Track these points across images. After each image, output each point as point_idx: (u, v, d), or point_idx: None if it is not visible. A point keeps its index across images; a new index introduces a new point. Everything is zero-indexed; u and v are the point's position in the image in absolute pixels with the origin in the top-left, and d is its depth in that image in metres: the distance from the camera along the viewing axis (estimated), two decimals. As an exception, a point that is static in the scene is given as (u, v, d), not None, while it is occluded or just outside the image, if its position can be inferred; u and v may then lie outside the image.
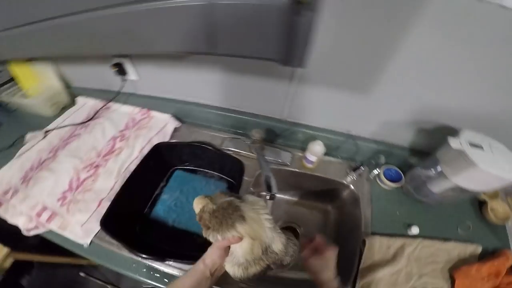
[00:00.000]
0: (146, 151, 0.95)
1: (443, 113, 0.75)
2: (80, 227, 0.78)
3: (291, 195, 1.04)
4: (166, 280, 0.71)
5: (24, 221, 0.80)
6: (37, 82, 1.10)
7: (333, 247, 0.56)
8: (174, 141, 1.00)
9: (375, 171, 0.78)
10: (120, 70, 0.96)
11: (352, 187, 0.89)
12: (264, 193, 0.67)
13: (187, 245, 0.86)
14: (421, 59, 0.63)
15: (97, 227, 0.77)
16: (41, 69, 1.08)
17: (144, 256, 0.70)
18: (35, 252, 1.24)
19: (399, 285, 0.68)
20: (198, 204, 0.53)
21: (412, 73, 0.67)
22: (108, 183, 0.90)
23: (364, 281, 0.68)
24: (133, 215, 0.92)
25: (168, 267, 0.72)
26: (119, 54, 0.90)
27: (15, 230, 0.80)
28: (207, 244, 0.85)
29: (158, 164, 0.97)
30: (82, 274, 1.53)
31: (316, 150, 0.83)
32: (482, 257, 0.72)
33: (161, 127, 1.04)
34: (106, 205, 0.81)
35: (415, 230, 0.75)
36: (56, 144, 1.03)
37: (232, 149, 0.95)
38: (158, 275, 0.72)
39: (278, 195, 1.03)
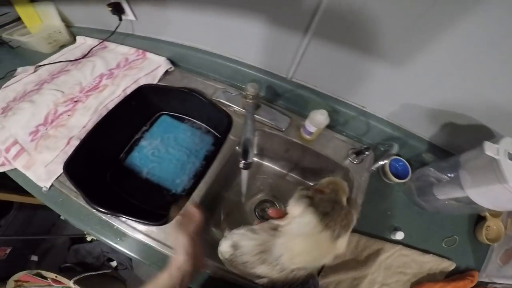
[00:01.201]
0: (130, 91, 0.82)
1: (485, 110, 0.58)
2: (44, 167, 0.69)
3: (280, 166, 0.88)
4: (118, 239, 0.62)
5: (-7, 156, 0.72)
6: (39, 22, 1.07)
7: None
8: (161, 84, 0.86)
9: (381, 162, 0.59)
10: (117, 10, 0.84)
11: (350, 171, 0.72)
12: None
13: (156, 201, 0.75)
14: (482, 41, 0.46)
15: (60, 169, 0.67)
16: (43, 9, 1.04)
17: (99, 209, 0.60)
18: (15, 192, 1.17)
19: (358, 291, 0.59)
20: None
21: (464, 55, 0.49)
22: (83, 119, 0.79)
23: (325, 280, 0.59)
24: (107, 159, 0.80)
25: (122, 224, 0.63)
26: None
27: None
28: (176, 203, 0.73)
29: (141, 106, 0.83)
30: (63, 217, 1.48)
31: (318, 120, 0.66)
32: (451, 274, 0.64)
33: (152, 69, 0.89)
34: (75, 144, 0.71)
35: (399, 235, 0.64)
36: (44, 78, 0.94)
37: (224, 101, 0.79)
38: (109, 231, 0.63)
39: (266, 163, 0.89)
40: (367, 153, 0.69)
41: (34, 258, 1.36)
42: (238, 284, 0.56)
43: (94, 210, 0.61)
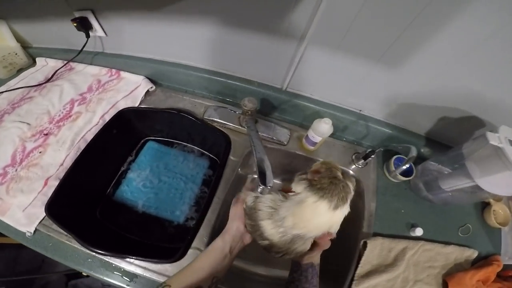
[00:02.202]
0: (109, 117, 0.72)
1: (478, 103, 0.59)
2: (22, 212, 0.59)
3: (283, 179, 0.83)
4: (127, 279, 0.54)
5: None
6: None
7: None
8: (144, 106, 0.75)
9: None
10: (83, 26, 0.72)
11: (357, 177, 0.69)
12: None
13: (156, 234, 0.67)
14: (474, 40, 0.46)
15: (42, 212, 0.57)
16: None
17: (99, 252, 0.52)
18: None
19: (394, 292, 0.59)
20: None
21: (456, 53, 0.49)
22: (58, 156, 0.67)
23: (360, 287, 0.57)
24: (93, 196, 0.70)
25: (130, 265, 0.55)
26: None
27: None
28: (177, 235, 0.64)
29: (124, 134, 0.73)
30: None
31: (322, 130, 0.61)
32: (475, 261, 0.64)
33: (131, 90, 0.78)
34: (53, 184, 0.61)
35: (419, 231, 0.63)
36: (4, 108, 0.78)
37: (217, 119, 0.72)
38: (118, 273, 0.55)
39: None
40: (372, 156, 0.67)
41: (30, 295, 1.22)
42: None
43: (93, 253, 0.53)
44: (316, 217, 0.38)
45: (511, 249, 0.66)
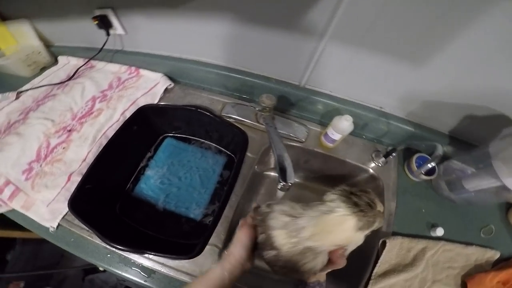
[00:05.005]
0: (129, 114, 0.71)
1: (507, 101, 0.54)
2: (46, 207, 0.59)
3: (300, 177, 0.79)
4: (145, 275, 0.53)
5: (-15, 197, 0.60)
6: (14, 42, 0.91)
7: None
8: (163, 103, 0.74)
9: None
10: (103, 23, 0.72)
11: (377, 175, 0.66)
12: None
13: (171, 230, 0.65)
14: (508, 35, 0.42)
15: (65, 208, 0.57)
16: (18, 28, 0.89)
17: (120, 247, 0.51)
18: (14, 228, 1.04)
19: (411, 292, 0.56)
20: None
21: (489, 49, 0.45)
22: (81, 152, 0.67)
23: (377, 286, 0.55)
24: (113, 192, 0.69)
25: (148, 261, 0.54)
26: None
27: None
28: (193, 231, 0.63)
29: (144, 130, 0.72)
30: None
31: (343, 127, 0.58)
32: (496, 263, 0.60)
33: (150, 88, 0.77)
34: (76, 180, 0.60)
35: (439, 231, 0.60)
36: (29, 106, 0.79)
37: (235, 116, 0.69)
38: (136, 269, 0.54)
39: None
40: (394, 154, 0.63)
41: (49, 289, 1.25)
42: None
43: (113, 248, 0.52)
44: (338, 232, 0.34)
45: (533, 250, 0.60)
